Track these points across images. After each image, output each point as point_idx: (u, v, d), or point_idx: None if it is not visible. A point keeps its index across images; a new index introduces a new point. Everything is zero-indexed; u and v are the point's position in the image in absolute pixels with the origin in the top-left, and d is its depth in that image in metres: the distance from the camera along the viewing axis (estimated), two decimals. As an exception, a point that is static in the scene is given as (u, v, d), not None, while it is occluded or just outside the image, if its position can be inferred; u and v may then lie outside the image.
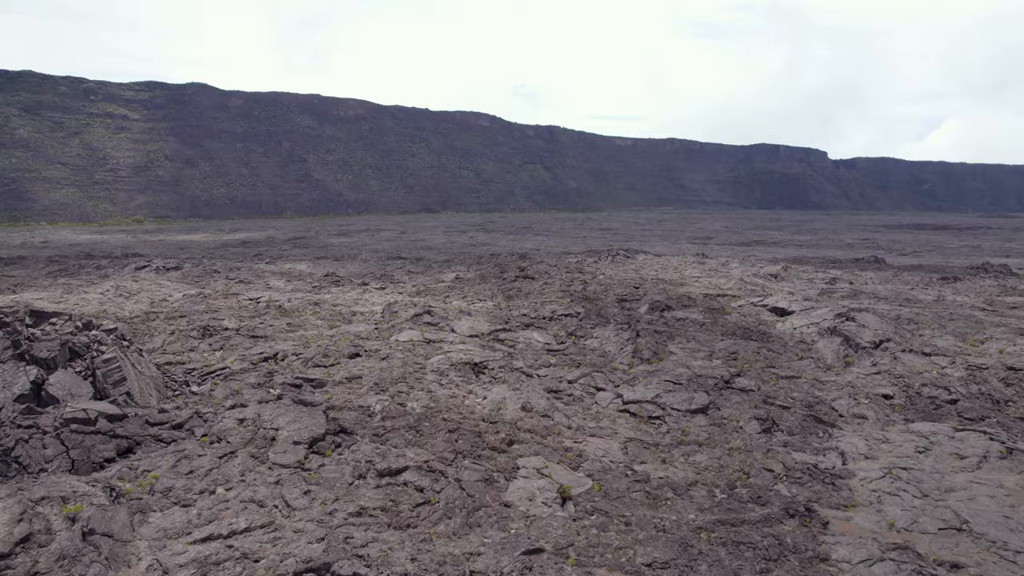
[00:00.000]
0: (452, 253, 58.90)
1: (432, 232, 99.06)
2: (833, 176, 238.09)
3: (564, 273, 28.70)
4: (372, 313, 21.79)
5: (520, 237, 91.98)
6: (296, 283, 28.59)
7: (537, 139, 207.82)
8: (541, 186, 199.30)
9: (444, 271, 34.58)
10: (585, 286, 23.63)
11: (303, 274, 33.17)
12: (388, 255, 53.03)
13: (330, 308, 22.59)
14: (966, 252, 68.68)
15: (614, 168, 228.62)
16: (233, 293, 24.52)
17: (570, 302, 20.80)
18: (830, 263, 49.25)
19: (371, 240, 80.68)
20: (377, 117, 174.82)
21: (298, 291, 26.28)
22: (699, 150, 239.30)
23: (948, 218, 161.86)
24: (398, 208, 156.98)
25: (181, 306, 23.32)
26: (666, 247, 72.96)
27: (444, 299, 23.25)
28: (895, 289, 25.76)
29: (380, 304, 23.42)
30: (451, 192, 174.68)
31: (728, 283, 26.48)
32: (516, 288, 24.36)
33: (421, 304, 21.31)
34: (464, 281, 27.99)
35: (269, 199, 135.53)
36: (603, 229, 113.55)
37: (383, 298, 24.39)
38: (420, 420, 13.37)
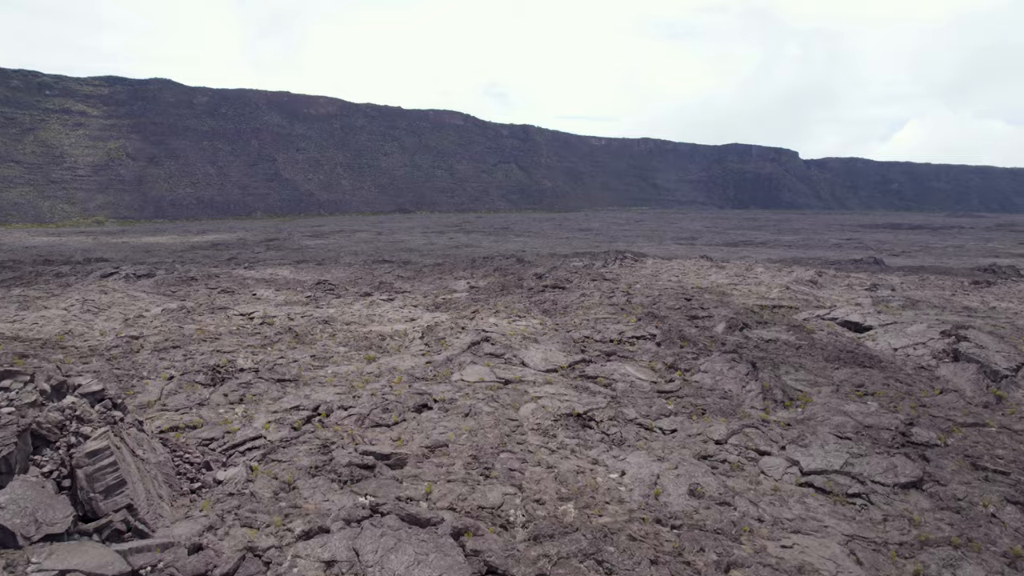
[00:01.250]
0: (438, 256, 56.15)
1: (409, 233, 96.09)
2: (804, 176, 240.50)
3: (590, 281, 26.13)
4: (404, 336, 18.65)
5: (501, 238, 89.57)
6: (286, 293, 25.65)
7: (512, 138, 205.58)
8: (516, 186, 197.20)
9: (445, 277, 31.86)
10: (629, 297, 21.04)
11: (289, 281, 30.17)
12: (371, 258, 50.09)
13: (346, 329, 19.48)
14: (953, 252, 68.26)
15: (589, 168, 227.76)
16: (220, 307, 21.45)
17: (636, 320, 17.79)
18: (830, 264, 47.80)
19: (348, 242, 77.49)
20: (349, 115, 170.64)
21: (293, 304, 23.56)
22: (672, 150, 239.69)
23: (918, 217, 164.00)
24: (371, 208, 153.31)
25: (164, 326, 20.02)
26: (657, 248, 71.18)
27: (473, 315, 20.34)
28: (939, 295, 23.95)
29: (400, 321, 20.54)
30: (425, 192, 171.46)
31: (771, 291, 24.33)
32: (550, 300, 21.70)
33: (459, 324, 18.44)
34: (482, 291, 25.39)
35: (238, 199, 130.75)
36: (583, 230, 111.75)
37: (399, 313, 21.67)
38: (593, 539, 9.50)
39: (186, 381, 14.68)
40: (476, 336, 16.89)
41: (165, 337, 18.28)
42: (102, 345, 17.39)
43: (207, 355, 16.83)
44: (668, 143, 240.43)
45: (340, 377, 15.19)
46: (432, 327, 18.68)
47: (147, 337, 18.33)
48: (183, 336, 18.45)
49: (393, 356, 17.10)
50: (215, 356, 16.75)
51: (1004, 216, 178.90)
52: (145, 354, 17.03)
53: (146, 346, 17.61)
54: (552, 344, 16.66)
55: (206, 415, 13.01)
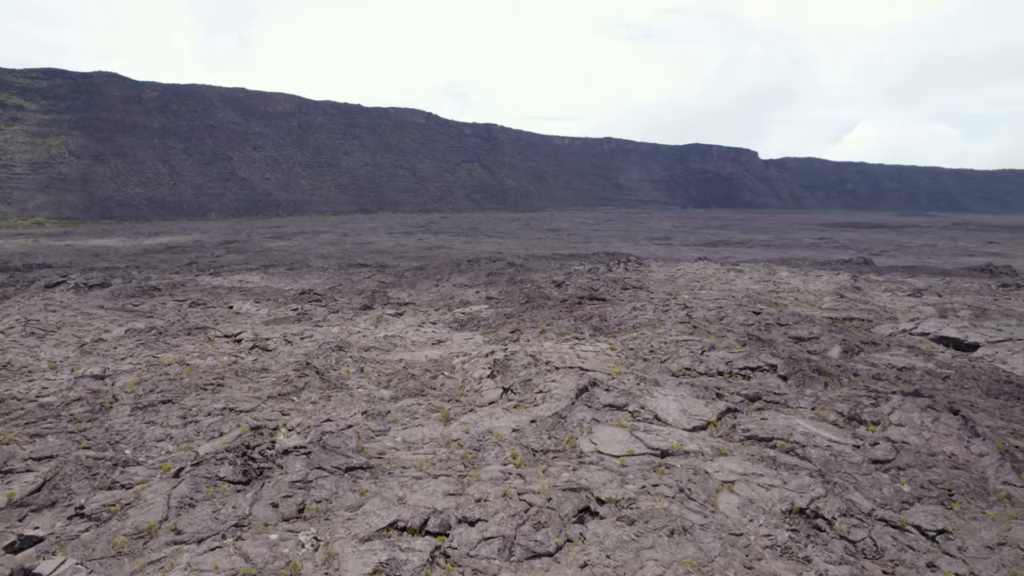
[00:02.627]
0: (413, 258, 53.13)
1: (375, 234, 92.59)
2: (764, 176, 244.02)
3: (620, 290, 23.57)
4: (464, 373, 14.83)
5: (472, 239, 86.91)
6: (268, 305, 22.34)
7: (475, 137, 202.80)
8: (480, 185, 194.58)
9: (443, 284, 29.00)
10: (688, 311, 18.18)
11: (266, 290, 26.89)
12: (344, 262, 46.84)
13: (372, 359, 15.87)
14: (929, 252, 68.42)
15: (552, 167, 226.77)
16: (198, 327, 17.89)
17: (741, 346, 14.51)
18: (822, 265, 46.61)
19: (312, 244, 73.78)
20: (307, 113, 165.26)
21: (282, 321, 20.27)
22: (635, 149, 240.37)
23: (874, 216, 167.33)
24: (331, 208, 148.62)
25: (136, 357, 15.64)
26: (635, 248, 69.52)
27: (516, 336, 17.09)
28: (984, 301, 22.32)
29: (427, 344, 17.03)
30: (387, 192, 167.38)
31: (822, 300, 22.15)
32: (596, 316, 18.50)
33: (531, 354, 14.80)
34: (502, 303, 22.12)
35: (191, 199, 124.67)
36: (553, 230, 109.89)
37: (420, 333, 18.05)
38: None
39: (203, 478, 8.81)
40: (580, 379, 12.62)
41: (142, 378, 14.06)
42: (57, 395, 12.72)
43: (219, 417, 12.11)
44: (630, 143, 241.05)
45: (423, 451, 10.75)
46: (503, 362, 14.43)
47: (118, 378, 13.96)
48: (168, 378, 14.07)
49: (477, 411, 12.61)
50: (231, 419, 11.93)
51: (955, 215, 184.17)
52: (123, 414, 12.18)
53: (121, 397, 12.95)
54: (668, 386, 12.68)
55: (255, 554, 7.31)
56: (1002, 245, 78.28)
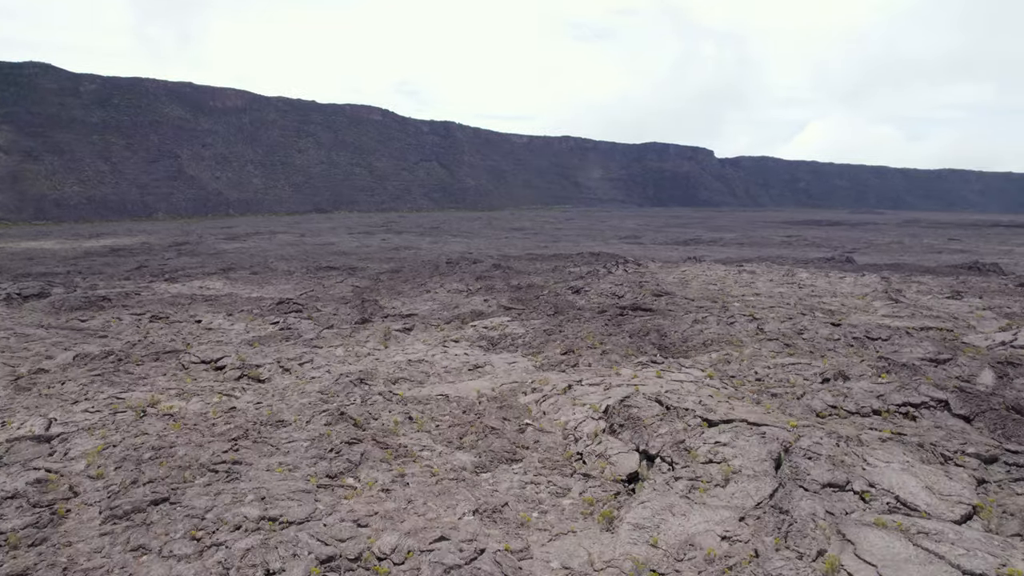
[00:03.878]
0: (382, 260, 50.06)
1: (334, 234, 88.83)
2: (720, 174, 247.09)
3: (652, 296, 21.10)
4: (558, 422, 11.57)
5: (437, 239, 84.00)
6: (243, 318, 19.19)
7: (432, 135, 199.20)
8: (439, 184, 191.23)
9: (434, 289, 26.23)
10: (758, 323, 15.99)
11: (235, 299, 23.72)
12: (310, 265, 43.56)
13: (414, 399, 12.37)
14: (899, 249, 68.72)
15: (511, 166, 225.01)
16: (167, 350, 14.61)
17: (868, 368, 12.26)
18: (801, 264, 45.58)
19: (270, 245, 69.83)
20: (259, 109, 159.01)
21: (267, 340, 17.00)
22: (593, 148, 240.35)
23: (828, 214, 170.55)
24: (285, 208, 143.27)
25: (92, 400, 12.19)
26: (605, 247, 67.87)
27: (575, 359, 14.28)
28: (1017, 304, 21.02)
29: (464, 371, 13.98)
30: (343, 190, 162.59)
31: (875, 305, 20.19)
32: (653, 331, 15.44)
33: (661, 399, 11.58)
34: (523, 314, 19.19)
35: (136, 199, 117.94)
36: (516, 229, 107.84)
37: (450, 356, 14.84)
38: None
39: None
40: (762, 441, 9.15)
41: (109, 442, 10.14)
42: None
43: (256, 538, 7.41)
44: (589, 141, 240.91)
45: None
46: (621, 409, 11.14)
47: (72, 441, 10.09)
48: (149, 444, 10.06)
49: (640, 503, 8.59)
50: (279, 542, 7.25)
51: (904, 213, 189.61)
52: (90, 532, 7.47)
53: (84, 490, 8.47)
54: (872, 445, 9.21)
55: None
56: (963, 242, 79.54)
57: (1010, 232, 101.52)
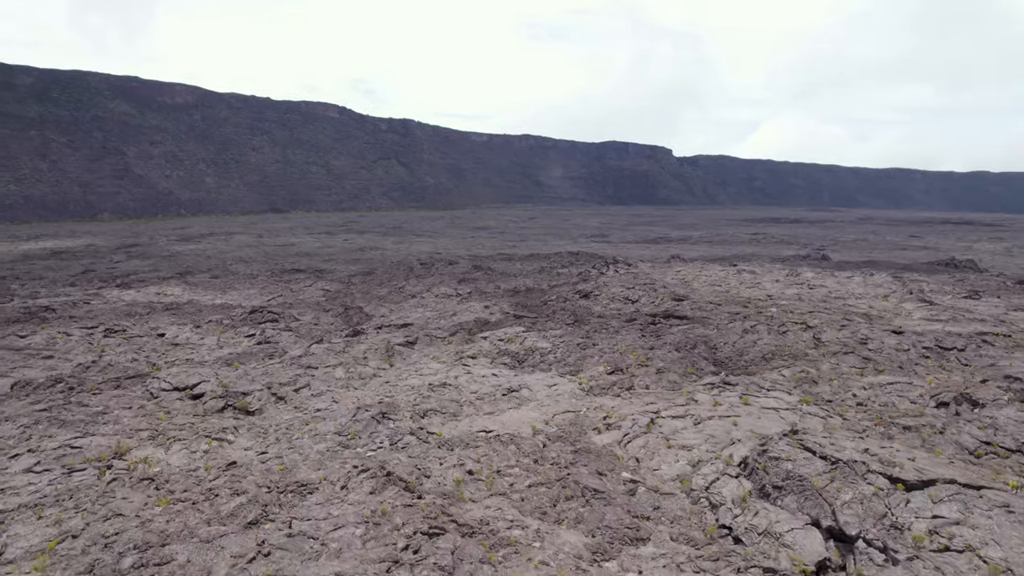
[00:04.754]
0: (347, 261, 47.69)
1: (293, 234, 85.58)
2: (678, 173, 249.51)
3: (672, 301, 19.46)
4: (670, 480, 9.08)
5: (402, 239, 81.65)
6: (212, 330, 16.88)
7: (391, 133, 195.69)
8: (398, 183, 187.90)
9: (420, 294, 24.25)
10: (813, 331, 14.52)
11: (199, 307, 21.36)
12: (273, 267, 41.02)
13: (473, 445, 10.00)
14: (866, 246, 69.44)
15: (471, 165, 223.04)
16: (130, 375, 12.03)
17: (997, 388, 10.68)
18: (784, 261, 45.14)
19: (227, 247, 66.55)
20: (211, 105, 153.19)
21: (247, 357, 14.81)
22: (553, 147, 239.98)
23: (787, 212, 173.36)
24: (240, 208, 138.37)
25: (39, 445, 9.43)
26: (574, 246, 66.74)
27: (635, 383, 12.22)
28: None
29: (518, 403, 11.60)
30: (300, 189, 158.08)
31: (907, 308, 19.06)
32: (700, 343, 13.57)
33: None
34: (540, 324, 16.92)
35: (79, 198, 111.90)
36: (481, 228, 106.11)
37: (478, 379, 12.76)
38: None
39: None
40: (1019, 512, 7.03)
41: (64, 529, 7.26)
42: None
43: None
44: (548, 140, 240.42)
45: None
46: (766, 463, 8.89)
47: (8, 532, 7.21)
48: (123, 529, 7.24)
49: None
50: None
51: (856, 211, 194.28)
52: None
53: None
54: None
55: None
56: (923, 238, 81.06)
57: (960, 228, 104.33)
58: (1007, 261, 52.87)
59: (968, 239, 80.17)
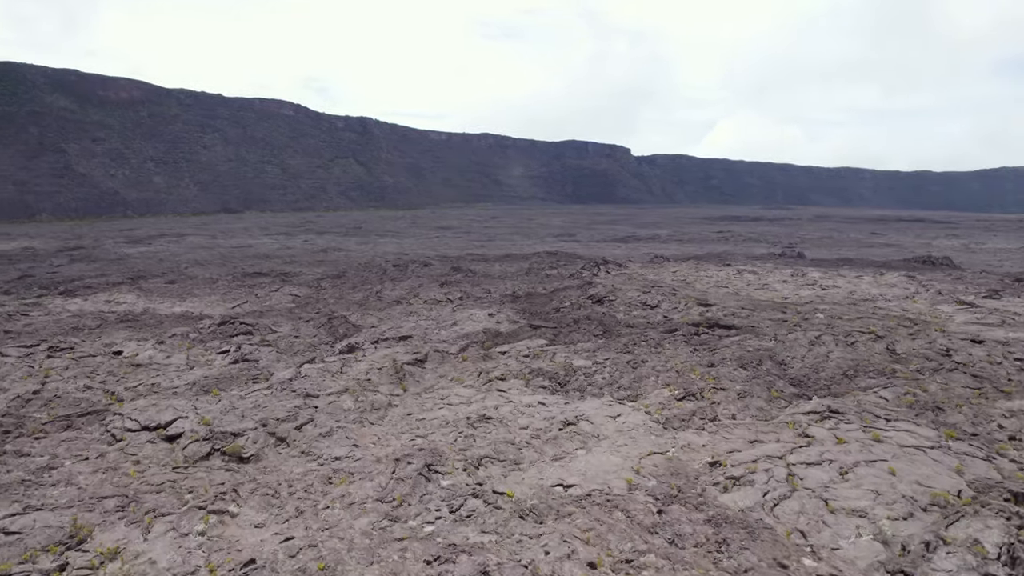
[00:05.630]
0: (311, 263, 45.19)
1: (250, 235, 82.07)
2: (637, 172, 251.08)
3: (697, 306, 17.76)
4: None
5: (365, 239, 79.08)
6: (178, 345, 14.58)
7: (348, 131, 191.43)
8: (355, 182, 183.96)
9: (411, 300, 22.24)
10: (886, 342, 12.92)
11: (157, 318, 18.96)
12: (232, 271, 38.39)
13: (565, 515, 7.27)
14: (833, 243, 69.99)
15: (430, 164, 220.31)
16: (83, 411, 9.72)
17: None
18: (757, 259, 44.61)
19: (180, 248, 63.06)
20: (158, 101, 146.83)
21: (226, 382, 12.67)
22: (512, 145, 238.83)
23: (745, 210, 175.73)
24: (191, 208, 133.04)
25: None
26: (541, 245, 65.41)
27: (718, 411, 10.49)
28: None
29: (583, 443, 9.41)
30: (254, 189, 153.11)
31: (946, 310, 17.84)
32: (767, 359, 11.79)
33: None
34: (564, 336, 15.01)
35: (14, 198, 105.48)
36: (444, 228, 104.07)
37: (521, 409, 10.64)
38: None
39: None
40: None
41: None
42: None
43: None
44: (508, 139, 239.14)
45: None
46: None
47: None
48: None
49: None
50: None
51: (811, 209, 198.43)
52: None
53: None
54: None
55: None
56: (884, 236, 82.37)
57: (915, 226, 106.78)
58: (971, 258, 53.54)
59: (926, 236, 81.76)
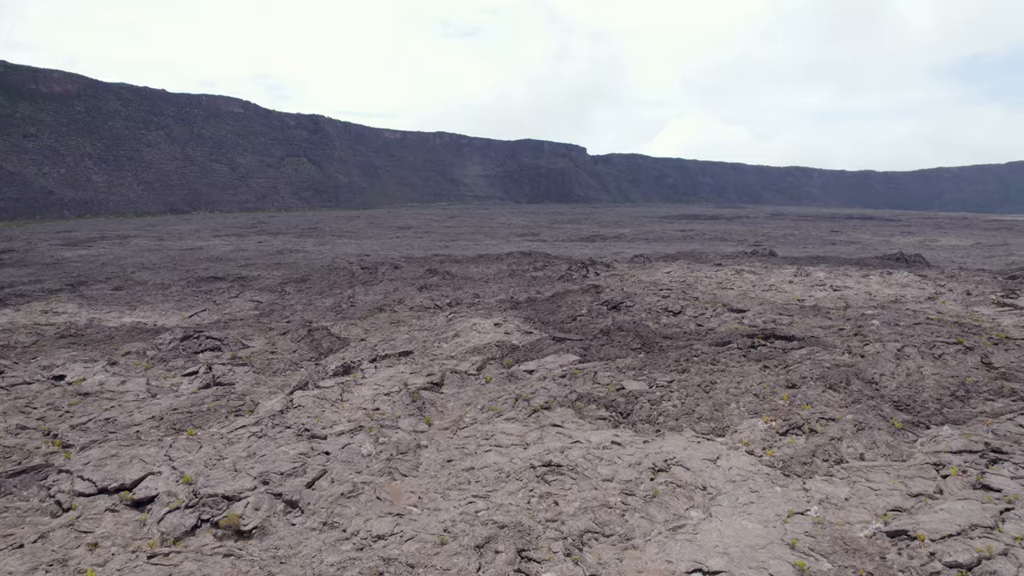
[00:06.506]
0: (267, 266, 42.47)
1: (199, 237, 78.13)
2: (593, 171, 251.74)
3: (727, 311, 16.03)
4: None
5: (322, 240, 76.12)
6: (137, 368, 12.23)
7: (300, 129, 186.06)
8: (308, 181, 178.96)
9: (395, 308, 20.11)
10: (977, 353, 11.25)
11: (105, 331, 16.44)
12: (185, 275, 35.52)
13: None
14: (797, 240, 70.36)
15: (384, 162, 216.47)
16: (20, 468, 7.49)
17: None
18: (731, 258, 43.97)
19: (125, 252, 59.19)
20: (97, 96, 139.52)
21: (202, 417, 10.30)
22: (468, 144, 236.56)
23: (701, 208, 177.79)
24: (134, 209, 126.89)
25: None
26: (508, 245, 63.82)
27: (843, 448, 8.31)
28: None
29: (688, 512, 7.18)
30: (201, 189, 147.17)
31: (986, 311, 16.91)
32: (854, 376, 10.12)
33: None
34: (596, 350, 12.95)
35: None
36: (403, 228, 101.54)
37: (585, 449, 8.60)
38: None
39: None
40: None
41: None
42: None
43: None
44: (464, 137, 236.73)
45: None
46: None
47: None
48: None
49: None
50: None
51: (764, 207, 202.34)
52: None
53: None
54: None
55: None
56: (844, 233, 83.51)
57: (868, 223, 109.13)
58: (934, 255, 54.12)
59: (883, 234, 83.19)
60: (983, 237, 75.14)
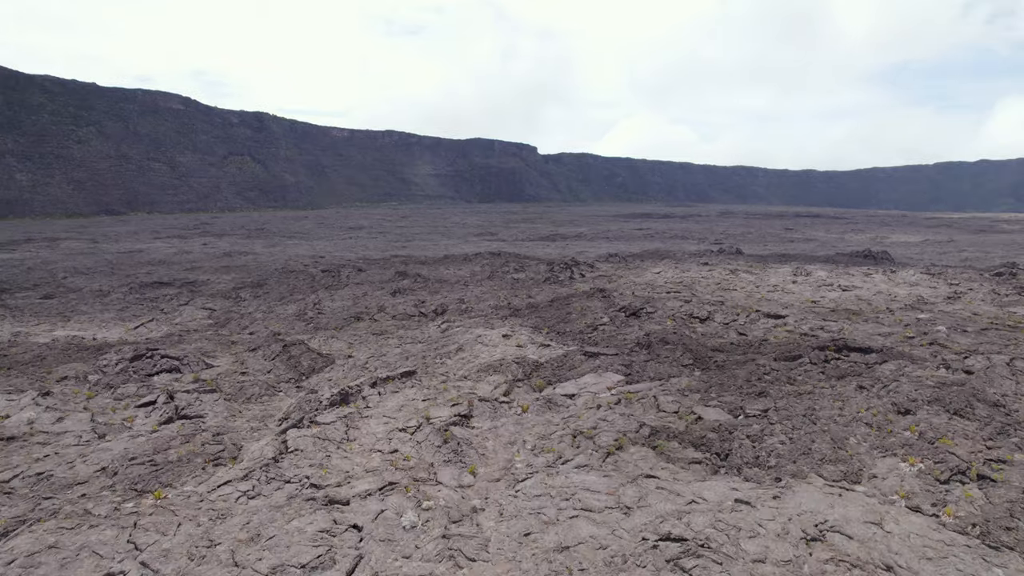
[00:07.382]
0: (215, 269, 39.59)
1: (138, 239, 73.68)
2: (544, 170, 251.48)
3: (768, 320, 14.57)
4: None
5: (272, 242, 72.71)
6: (76, 400, 9.90)
7: (243, 127, 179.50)
8: (253, 181, 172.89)
9: (376, 316, 18.01)
10: None
11: (34, 349, 13.92)
12: (126, 281, 32.48)
13: None
14: (755, 238, 70.72)
15: (332, 161, 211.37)
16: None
17: None
18: (698, 256, 43.34)
19: (55, 255, 54.95)
20: (19, 89, 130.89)
21: (179, 473, 7.61)
22: (417, 143, 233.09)
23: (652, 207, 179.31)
24: (64, 209, 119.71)
25: None
26: (471, 246, 62.07)
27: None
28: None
29: None
30: (138, 189, 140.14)
31: (1021, 312, 15.97)
32: (981, 403, 8.26)
33: None
34: (639, 371, 10.98)
35: None
36: (355, 228, 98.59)
37: (779, 523, 6.04)
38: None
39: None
40: None
41: None
42: None
43: None
44: (413, 136, 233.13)
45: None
46: None
47: None
48: None
49: None
50: None
51: (714, 205, 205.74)
52: None
53: None
54: None
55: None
56: (797, 231, 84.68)
57: (817, 221, 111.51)
58: (894, 252, 54.84)
59: (835, 231, 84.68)
60: (929, 234, 77.16)
